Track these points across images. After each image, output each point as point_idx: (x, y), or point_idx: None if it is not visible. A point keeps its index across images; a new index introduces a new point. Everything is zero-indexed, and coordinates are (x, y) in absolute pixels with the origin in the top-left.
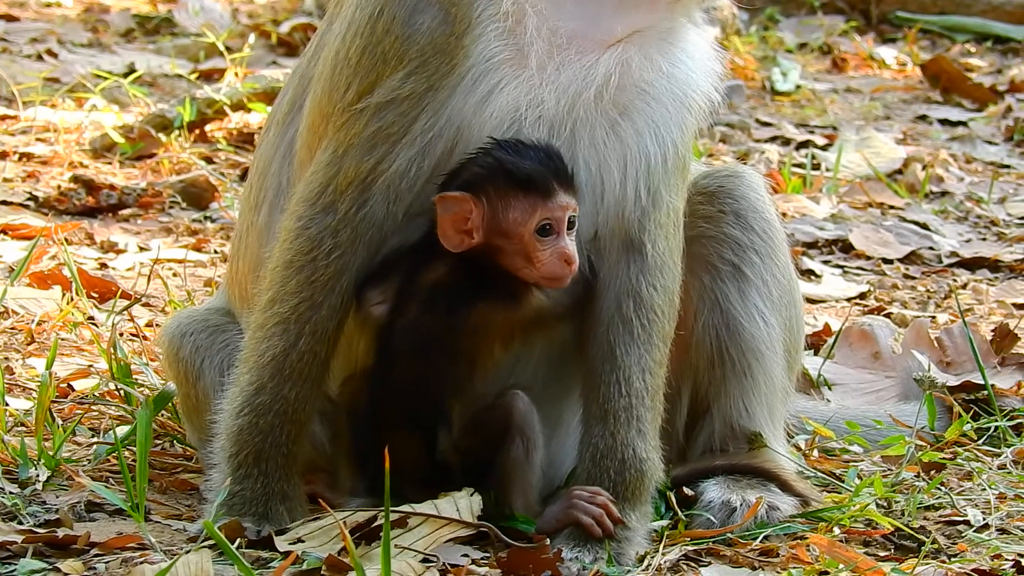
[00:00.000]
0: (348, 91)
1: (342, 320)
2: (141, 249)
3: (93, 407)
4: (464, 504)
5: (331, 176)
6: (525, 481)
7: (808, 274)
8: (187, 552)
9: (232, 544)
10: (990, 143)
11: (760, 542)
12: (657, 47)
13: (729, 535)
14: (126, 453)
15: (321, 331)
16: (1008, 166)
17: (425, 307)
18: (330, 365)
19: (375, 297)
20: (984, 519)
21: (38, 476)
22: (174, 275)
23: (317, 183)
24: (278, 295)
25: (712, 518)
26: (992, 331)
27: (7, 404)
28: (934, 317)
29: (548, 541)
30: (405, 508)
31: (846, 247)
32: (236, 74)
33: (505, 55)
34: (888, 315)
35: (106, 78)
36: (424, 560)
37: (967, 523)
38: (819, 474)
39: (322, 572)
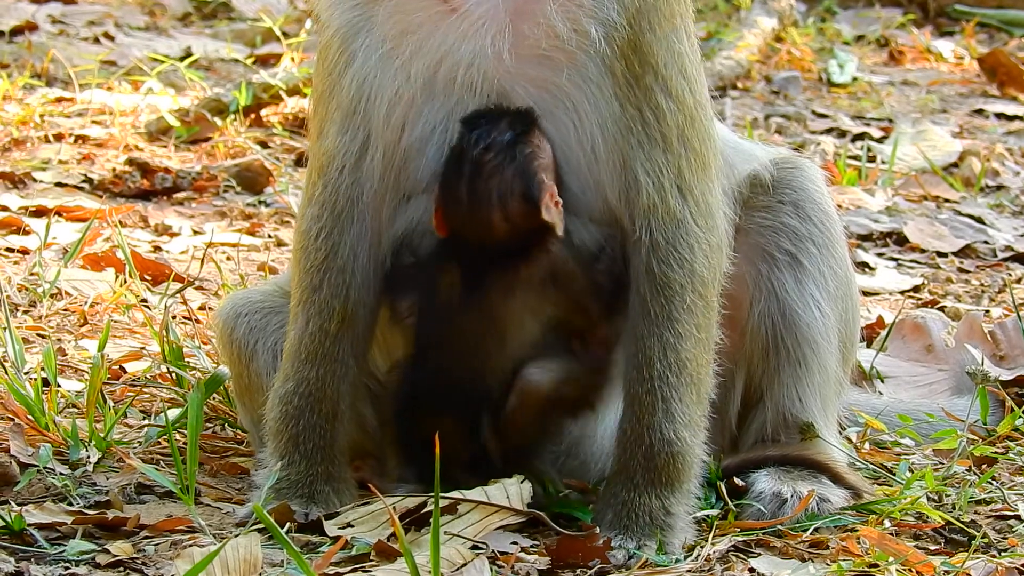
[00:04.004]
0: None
1: (349, 297)
2: (195, 232)
3: (145, 389)
4: (514, 491)
5: (309, 172)
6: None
7: (862, 266)
8: (236, 535)
9: (281, 528)
10: None
11: (810, 534)
12: (525, 3)
13: (779, 526)
14: (177, 436)
15: (327, 310)
16: None
17: (449, 301)
18: (353, 345)
19: (405, 311)
20: None
21: (89, 457)
22: (228, 259)
23: (305, 182)
24: (292, 295)
25: (763, 509)
26: None
27: (59, 385)
28: (988, 311)
29: (597, 529)
30: (455, 494)
31: (900, 240)
32: (292, 59)
33: (357, 34)
34: (942, 308)
35: (162, 62)
36: (473, 547)
37: (1018, 518)
38: (870, 467)
39: (371, 557)
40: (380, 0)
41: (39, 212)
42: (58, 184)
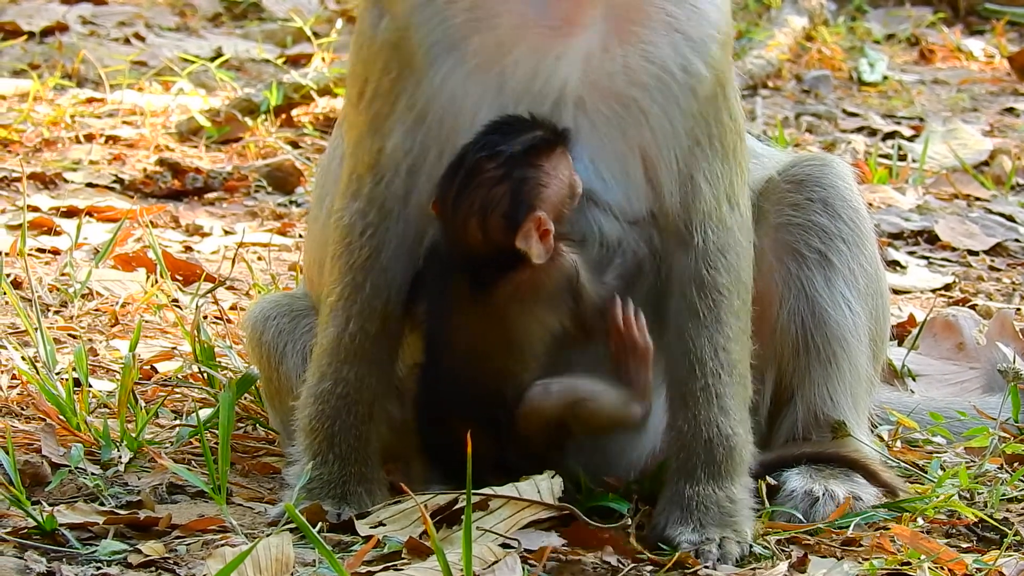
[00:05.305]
0: (352, 93)
1: (390, 298)
2: (226, 232)
3: (176, 389)
4: (545, 486)
5: (352, 166)
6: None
7: (893, 265)
8: (268, 535)
9: (313, 528)
10: None
11: (843, 531)
12: (631, 27)
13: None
14: (208, 436)
15: (369, 310)
16: None
17: (458, 303)
18: (389, 345)
19: (422, 315)
20: None
21: (120, 457)
22: (259, 259)
23: (344, 176)
24: (330, 290)
25: (795, 510)
26: None
27: (90, 385)
28: (1019, 309)
29: (629, 521)
30: (486, 490)
31: (931, 238)
32: (323, 59)
33: (447, 43)
34: (973, 306)
35: (193, 62)
36: (504, 544)
37: None
38: (902, 465)
39: (403, 555)
40: (470, 10)
41: (70, 212)
42: (89, 184)
